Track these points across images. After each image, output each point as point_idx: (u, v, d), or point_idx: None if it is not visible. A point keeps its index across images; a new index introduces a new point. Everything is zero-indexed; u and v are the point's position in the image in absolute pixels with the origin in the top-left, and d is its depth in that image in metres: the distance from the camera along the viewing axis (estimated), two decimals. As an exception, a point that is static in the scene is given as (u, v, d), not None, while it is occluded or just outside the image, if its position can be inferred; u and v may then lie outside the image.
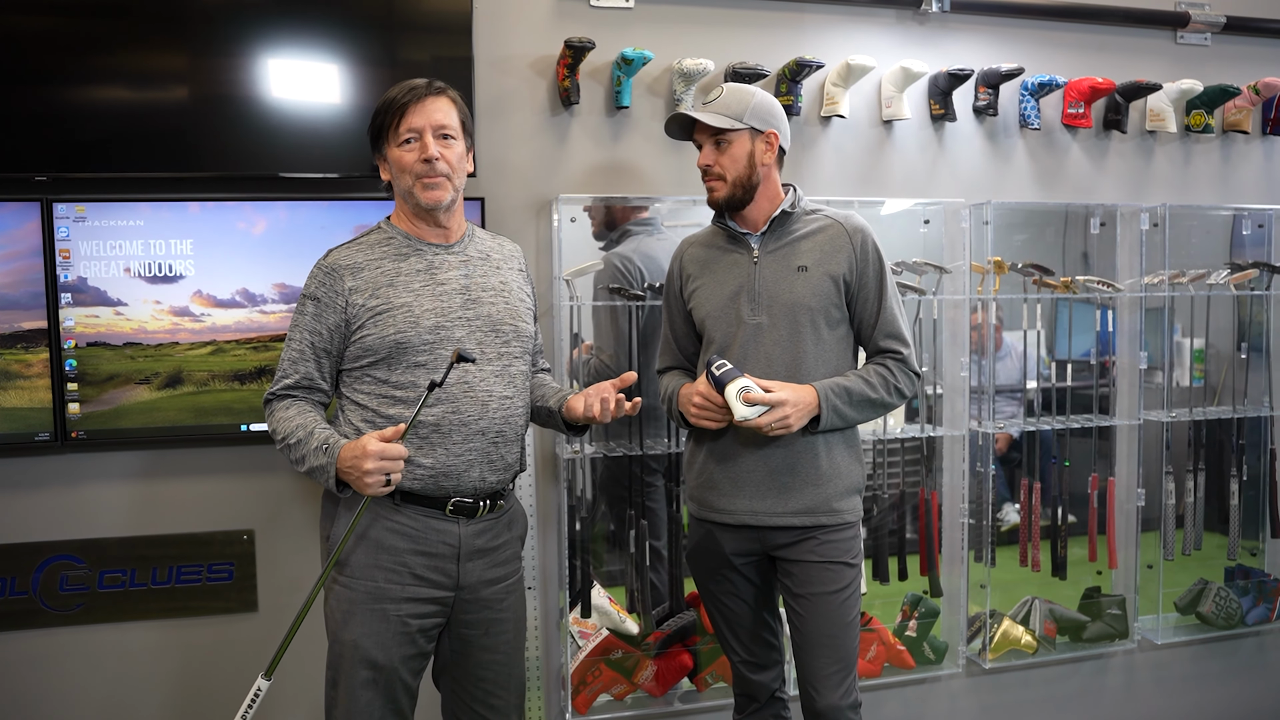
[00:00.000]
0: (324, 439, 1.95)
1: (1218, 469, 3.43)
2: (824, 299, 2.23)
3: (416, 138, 2.02)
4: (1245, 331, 3.45)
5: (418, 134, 2.01)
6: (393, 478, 1.91)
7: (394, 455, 1.90)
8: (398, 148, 2.03)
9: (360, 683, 2.00)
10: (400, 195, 2.09)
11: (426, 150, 2.00)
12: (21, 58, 2.44)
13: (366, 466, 1.88)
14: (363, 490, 1.91)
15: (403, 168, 2.03)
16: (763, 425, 2.12)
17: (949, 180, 3.17)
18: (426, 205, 2.04)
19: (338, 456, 1.92)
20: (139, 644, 2.67)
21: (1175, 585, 3.46)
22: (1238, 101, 3.36)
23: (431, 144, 2.01)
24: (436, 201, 2.04)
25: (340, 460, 1.92)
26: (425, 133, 2.01)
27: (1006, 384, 3.49)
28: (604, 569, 3.04)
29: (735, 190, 2.23)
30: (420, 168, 2.01)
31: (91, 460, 2.62)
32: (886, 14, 3.09)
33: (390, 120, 2.03)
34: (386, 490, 1.92)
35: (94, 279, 2.52)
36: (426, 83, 2.05)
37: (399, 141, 2.03)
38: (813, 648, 2.22)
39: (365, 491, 1.91)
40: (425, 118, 2.01)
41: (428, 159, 2.00)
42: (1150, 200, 3.33)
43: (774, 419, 2.11)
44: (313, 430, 1.98)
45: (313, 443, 1.96)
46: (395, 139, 2.03)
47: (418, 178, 2.02)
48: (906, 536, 3.14)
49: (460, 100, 2.10)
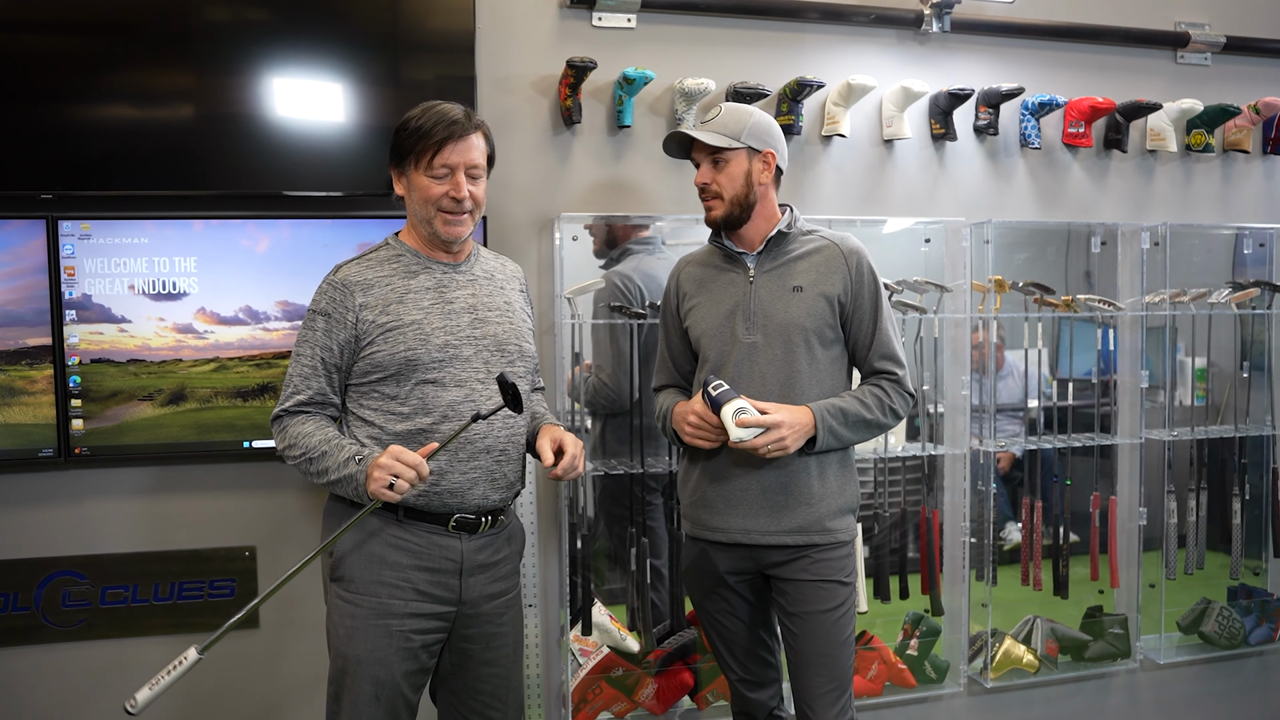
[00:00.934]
0: (356, 451, 1.96)
1: (1220, 488, 3.42)
2: (818, 319, 2.24)
3: (449, 174, 2.02)
4: (1247, 350, 3.44)
5: (451, 170, 2.02)
6: (398, 484, 1.88)
7: (408, 462, 1.88)
8: (427, 177, 2.03)
9: (363, 698, 2.00)
10: (417, 220, 2.10)
11: (459, 190, 2.02)
12: (28, 76, 2.46)
13: (380, 461, 1.89)
14: (368, 489, 1.91)
15: (428, 198, 2.03)
16: (759, 447, 2.12)
17: (950, 199, 3.18)
18: (445, 239, 2.07)
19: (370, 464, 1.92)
20: (141, 660, 2.67)
21: (1178, 605, 3.45)
22: (1238, 121, 3.37)
23: (464, 184, 2.03)
24: (456, 236, 2.07)
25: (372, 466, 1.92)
26: (459, 170, 2.02)
27: (1008, 403, 3.49)
28: (605, 587, 3.04)
29: (732, 209, 2.24)
30: (447, 203, 2.03)
31: (95, 476, 2.63)
32: (887, 34, 3.11)
33: (424, 149, 2.01)
34: (390, 496, 1.89)
35: (98, 296, 2.54)
36: (465, 114, 2.04)
37: (430, 173, 2.02)
38: (808, 666, 2.22)
39: (368, 489, 1.91)
40: (461, 156, 2.02)
41: (458, 198, 2.03)
42: (1151, 219, 3.34)
43: (770, 440, 2.12)
44: (340, 443, 1.99)
45: (341, 455, 1.96)
46: (426, 168, 2.02)
47: (440, 210, 2.04)
48: (908, 555, 3.14)
49: (489, 133, 2.12)
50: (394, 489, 1.88)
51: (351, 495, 1.98)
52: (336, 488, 1.99)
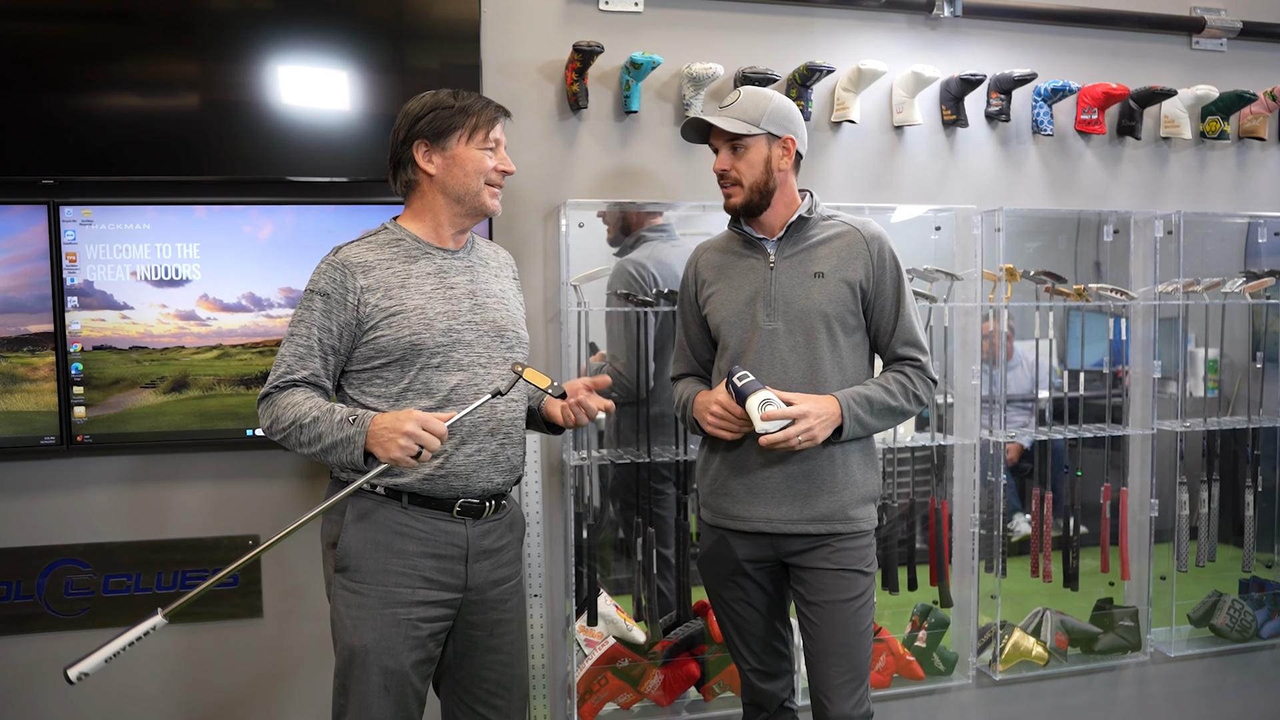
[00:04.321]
0: (350, 412, 1.93)
1: (1232, 480, 3.39)
2: (840, 305, 2.21)
3: (495, 148, 2.09)
4: (1260, 341, 3.41)
5: (498, 144, 2.10)
6: (423, 454, 1.87)
7: (436, 432, 1.87)
8: (479, 150, 2.07)
9: (372, 689, 1.98)
10: (450, 194, 2.08)
11: (508, 164, 2.11)
12: (30, 62, 2.44)
13: (406, 428, 1.85)
14: (388, 453, 1.86)
15: (481, 170, 2.07)
16: (789, 439, 2.09)
17: (961, 186, 3.15)
18: (489, 212, 2.12)
19: (369, 424, 1.89)
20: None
21: (1189, 597, 3.42)
22: (1254, 108, 3.32)
23: (509, 159, 2.11)
24: (496, 211, 2.13)
25: (374, 424, 1.89)
26: (501, 147, 2.11)
27: (1018, 393, 3.46)
28: (611, 577, 3.02)
29: (752, 196, 2.21)
30: (495, 176, 2.09)
31: (97, 464, 2.62)
32: (898, 19, 3.07)
33: (473, 123, 2.06)
34: (411, 464, 1.88)
35: (100, 282, 2.52)
36: (498, 105, 2.12)
37: (481, 145, 2.07)
38: (825, 656, 2.20)
39: (391, 454, 1.86)
40: (501, 134, 2.11)
41: (508, 171, 2.11)
42: (1164, 207, 3.30)
43: (798, 432, 2.09)
44: (332, 408, 1.95)
45: (335, 417, 1.92)
46: (473, 140, 2.06)
47: (488, 184, 2.09)
48: (916, 546, 3.11)
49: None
50: (418, 458, 1.87)
51: (346, 460, 1.92)
52: (330, 454, 1.93)
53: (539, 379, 1.99)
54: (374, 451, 1.90)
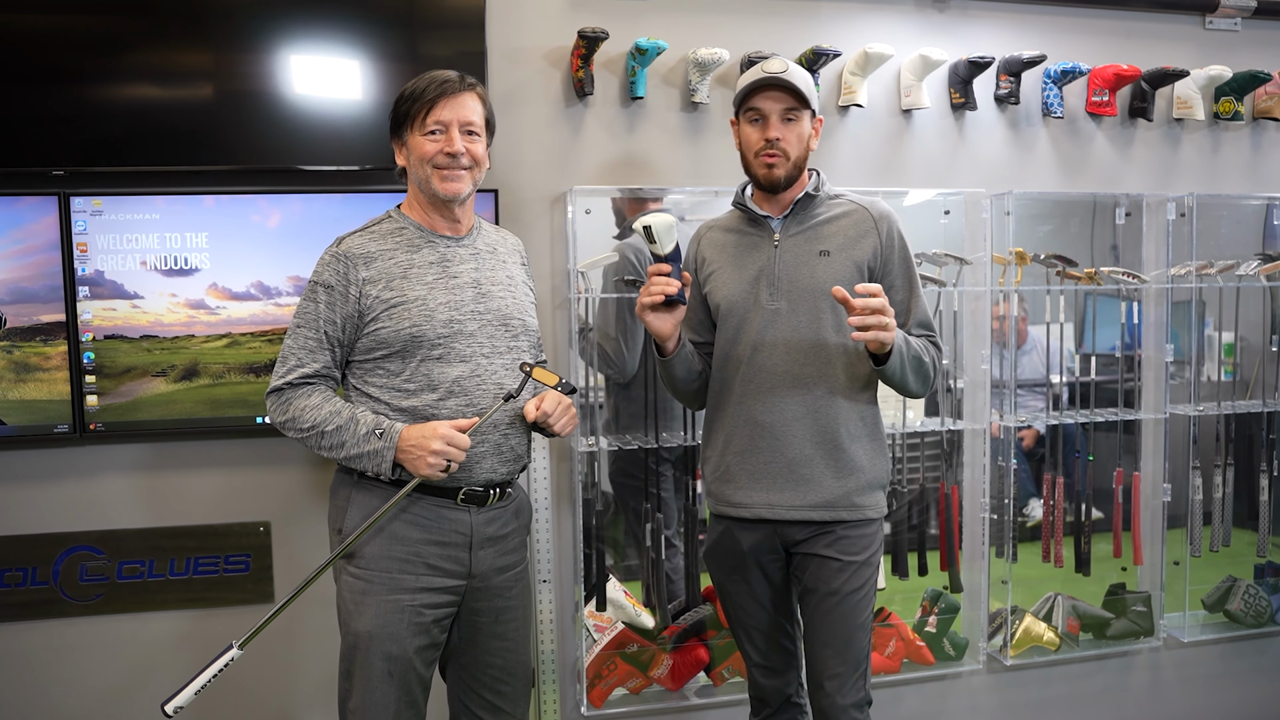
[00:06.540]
0: (376, 423, 1.97)
1: (1247, 464, 3.36)
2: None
3: (443, 130, 2.03)
4: (1277, 324, 3.37)
5: (444, 127, 2.02)
6: (451, 466, 1.95)
7: (460, 445, 1.94)
8: (422, 136, 2.03)
9: (376, 674, 2.00)
10: (416, 184, 2.09)
11: (452, 145, 2.02)
12: (40, 53, 2.46)
13: (433, 446, 1.92)
14: (417, 470, 1.94)
15: (423, 157, 2.03)
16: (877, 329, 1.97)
17: (970, 170, 3.13)
18: (444, 196, 2.05)
19: (397, 439, 1.95)
20: (157, 634, 2.70)
21: (1203, 582, 3.40)
22: (1269, 88, 3.28)
23: (457, 139, 2.03)
24: (454, 194, 2.05)
25: (402, 440, 1.94)
26: (452, 127, 2.03)
27: (1031, 378, 3.44)
28: (621, 564, 3.03)
29: (793, 170, 2.17)
30: (442, 159, 2.02)
31: (109, 452, 2.65)
32: (905, 1, 3.04)
33: (418, 110, 2.03)
34: (441, 476, 1.95)
35: (111, 272, 2.54)
36: (459, 77, 2.06)
37: (424, 131, 2.03)
38: (823, 646, 2.16)
39: (420, 471, 1.94)
40: (454, 112, 2.03)
41: (452, 153, 2.02)
42: (1177, 190, 3.27)
43: (883, 322, 1.97)
44: (356, 416, 1.98)
45: (359, 429, 1.97)
46: (420, 128, 2.03)
47: (436, 168, 2.03)
48: (927, 531, 3.11)
49: (486, 97, 2.12)
50: (447, 471, 1.95)
51: (370, 469, 1.98)
52: (353, 463, 1.99)
53: (547, 377, 2.05)
54: (403, 464, 1.96)
